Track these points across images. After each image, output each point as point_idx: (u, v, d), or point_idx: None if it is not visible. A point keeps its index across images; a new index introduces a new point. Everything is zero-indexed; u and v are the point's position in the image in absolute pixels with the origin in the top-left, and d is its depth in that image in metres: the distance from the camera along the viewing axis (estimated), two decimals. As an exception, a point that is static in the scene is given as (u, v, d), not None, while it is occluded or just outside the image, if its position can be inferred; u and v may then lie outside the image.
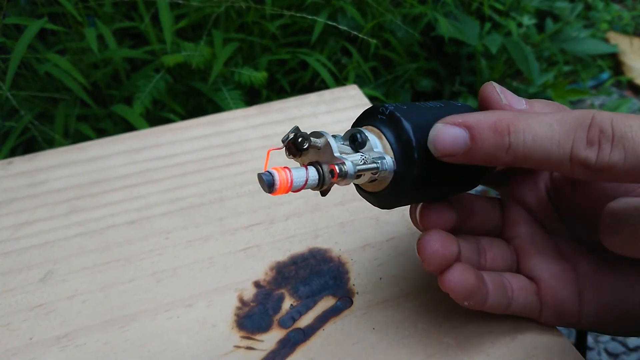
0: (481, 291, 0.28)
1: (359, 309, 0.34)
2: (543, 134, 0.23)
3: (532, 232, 0.32)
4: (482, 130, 0.24)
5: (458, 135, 0.24)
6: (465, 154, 0.24)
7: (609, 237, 0.25)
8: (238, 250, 0.38)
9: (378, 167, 0.25)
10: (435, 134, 0.24)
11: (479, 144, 0.24)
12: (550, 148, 0.23)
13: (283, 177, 0.24)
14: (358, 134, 0.26)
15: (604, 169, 0.22)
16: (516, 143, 0.23)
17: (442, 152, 0.24)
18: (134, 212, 0.42)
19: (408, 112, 0.26)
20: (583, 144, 0.22)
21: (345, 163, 0.24)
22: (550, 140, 0.23)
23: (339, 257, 0.37)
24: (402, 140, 0.25)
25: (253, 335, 0.32)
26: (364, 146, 0.26)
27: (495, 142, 0.24)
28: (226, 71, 0.96)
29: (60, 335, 0.33)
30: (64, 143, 0.82)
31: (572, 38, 1.65)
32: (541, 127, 0.23)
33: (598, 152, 0.22)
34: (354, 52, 1.14)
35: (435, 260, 0.28)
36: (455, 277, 0.28)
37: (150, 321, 0.34)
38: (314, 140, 0.25)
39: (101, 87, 0.94)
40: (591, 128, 0.22)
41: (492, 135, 0.24)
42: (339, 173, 0.24)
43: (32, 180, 0.45)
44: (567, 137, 0.22)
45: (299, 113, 0.53)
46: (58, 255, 0.38)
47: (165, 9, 0.88)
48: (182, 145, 0.48)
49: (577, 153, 0.22)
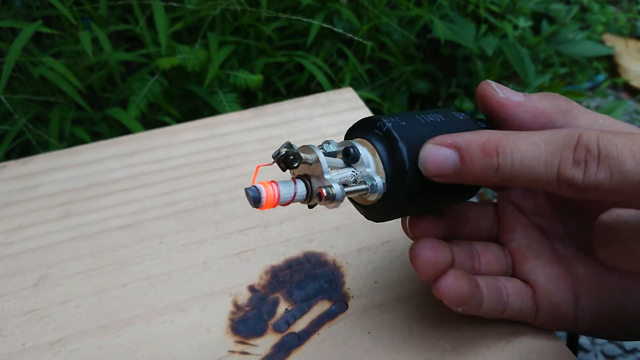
0: (475, 297, 0.28)
1: (354, 313, 0.34)
2: (530, 154, 0.23)
3: (529, 235, 0.31)
4: (471, 151, 0.24)
5: (448, 157, 0.24)
6: (455, 175, 0.25)
7: (601, 249, 0.25)
8: (233, 254, 0.38)
9: (367, 188, 0.25)
10: (425, 155, 0.25)
11: (468, 165, 0.24)
12: (537, 168, 0.23)
13: (270, 193, 0.24)
14: (351, 149, 0.26)
15: (590, 188, 0.22)
16: (504, 164, 0.23)
17: (432, 173, 0.25)
18: (128, 216, 0.41)
19: (406, 130, 0.26)
20: (570, 164, 0.22)
21: (333, 186, 0.24)
22: (538, 160, 0.23)
23: (334, 260, 0.37)
24: (396, 161, 0.25)
25: (247, 339, 0.32)
26: (356, 161, 0.26)
27: (484, 163, 0.24)
28: (222, 74, 0.96)
29: (54, 340, 0.33)
30: (59, 146, 0.82)
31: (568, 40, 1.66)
32: (529, 146, 0.23)
33: (584, 171, 0.22)
34: (350, 54, 1.14)
35: (428, 268, 0.28)
36: (448, 283, 0.27)
37: (144, 326, 0.33)
38: (304, 157, 0.25)
39: (96, 90, 0.94)
40: (578, 147, 0.22)
41: (481, 156, 0.24)
42: (327, 196, 0.24)
43: (25, 184, 0.45)
44: (554, 157, 0.23)
45: (294, 116, 0.53)
46: (51, 259, 0.38)
47: (160, 11, 0.88)
48: (177, 149, 0.48)
49: (564, 173, 0.22)
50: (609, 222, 0.24)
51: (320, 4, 1.13)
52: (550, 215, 0.31)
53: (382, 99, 1.30)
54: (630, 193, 0.21)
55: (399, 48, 1.31)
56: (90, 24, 0.89)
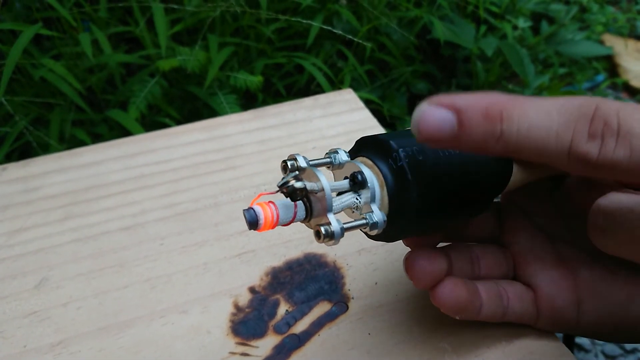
0: (473, 304, 0.28)
1: (355, 314, 0.34)
2: (540, 122, 0.20)
3: (532, 238, 0.31)
4: (471, 114, 0.21)
5: (445, 119, 0.21)
6: (451, 140, 0.21)
7: (600, 238, 0.24)
8: (233, 256, 0.38)
9: (367, 224, 0.24)
10: (419, 115, 0.21)
11: (467, 130, 0.21)
12: (547, 139, 0.20)
13: (268, 215, 0.23)
14: (359, 175, 0.25)
15: (605, 166, 0.20)
16: (509, 131, 0.21)
17: (425, 137, 0.21)
18: (129, 217, 0.42)
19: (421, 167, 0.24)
20: (584, 137, 0.20)
21: (332, 224, 0.23)
22: (548, 130, 0.20)
23: (334, 262, 0.37)
24: (403, 203, 0.24)
25: (248, 341, 0.32)
26: (363, 187, 0.25)
27: (485, 129, 0.21)
28: (222, 75, 0.96)
29: (55, 342, 0.33)
30: (59, 148, 0.82)
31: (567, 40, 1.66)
32: (538, 114, 0.20)
33: (601, 147, 0.20)
34: (350, 55, 1.14)
35: (423, 277, 0.27)
36: (445, 292, 0.27)
37: (145, 328, 0.33)
38: (310, 187, 0.24)
39: (96, 91, 0.94)
40: (595, 119, 0.20)
41: (483, 121, 0.21)
42: (325, 234, 0.23)
43: (26, 186, 0.45)
44: (567, 128, 0.20)
45: (294, 117, 0.53)
46: (52, 261, 0.38)
47: (160, 13, 0.88)
48: (177, 151, 0.48)
49: (577, 147, 0.20)
50: (609, 208, 0.22)
51: (319, 5, 1.13)
52: (554, 218, 0.31)
53: (382, 100, 1.30)
54: None
55: (399, 49, 1.31)
56: (90, 26, 0.89)
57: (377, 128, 0.51)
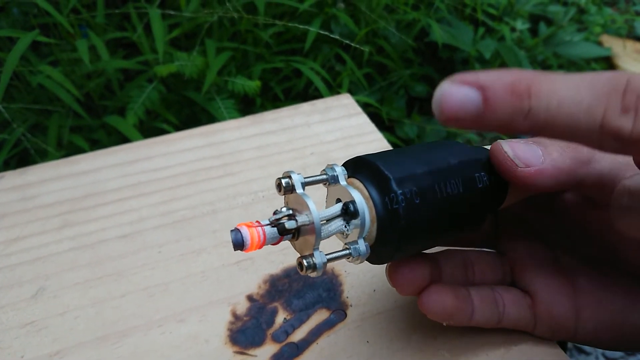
0: (462, 310, 0.28)
1: (353, 321, 0.34)
2: (570, 98, 0.19)
3: (530, 245, 0.31)
4: (497, 91, 0.20)
5: (468, 97, 0.20)
6: (476, 119, 0.20)
7: (622, 219, 0.22)
8: (231, 264, 0.38)
9: (349, 254, 0.25)
10: (441, 94, 0.20)
11: (492, 108, 0.20)
12: (577, 115, 0.19)
13: (255, 237, 0.23)
14: (352, 206, 0.24)
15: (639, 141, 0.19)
16: (537, 107, 0.20)
17: (447, 116, 0.21)
18: (126, 225, 0.41)
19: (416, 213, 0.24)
20: (617, 111, 0.19)
21: (314, 255, 0.23)
22: (578, 105, 0.19)
23: (332, 269, 0.37)
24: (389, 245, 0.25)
25: (246, 350, 0.32)
26: (355, 217, 0.24)
27: (512, 106, 0.20)
28: (220, 80, 0.96)
29: (52, 352, 0.33)
30: (57, 155, 0.82)
31: (565, 42, 1.66)
32: (568, 89, 0.19)
33: (634, 120, 0.19)
34: (348, 59, 1.14)
35: (405, 285, 0.27)
36: (430, 299, 0.27)
37: (142, 337, 0.33)
38: (301, 221, 0.24)
39: (94, 98, 0.94)
40: (627, 92, 0.19)
41: (509, 98, 0.20)
42: (307, 266, 0.23)
43: (23, 194, 0.45)
44: (599, 103, 0.19)
45: (292, 123, 0.53)
46: (50, 271, 0.38)
47: (158, 19, 0.88)
48: (175, 157, 0.48)
49: (610, 121, 0.19)
50: (634, 187, 0.22)
51: (317, 9, 1.13)
52: (553, 225, 0.31)
53: (381, 103, 1.30)
54: None
55: (397, 52, 1.31)
56: (88, 32, 0.89)
57: (375, 133, 0.51)
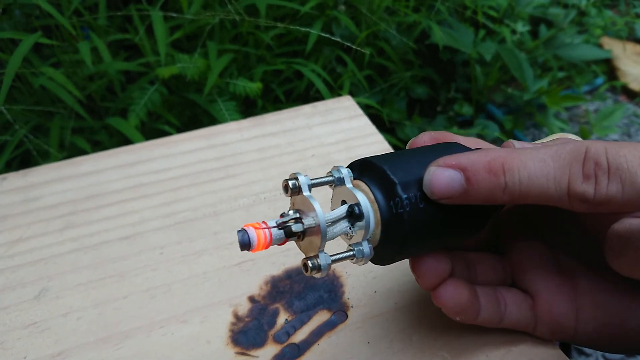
0: (474, 306, 0.28)
1: (354, 322, 0.34)
2: (538, 171, 0.22)
3: (531, 246, 0.31)
4: (476, 171, 0.24)
5: (453, 178, 0.24)
6: (462, 196, 0.24)
7: (615, 260, 0.25)
8: (233, 265, 0.38)
9: (353, 255, 0.25)
10: (429, 177, 0.24)
11: (474, 186, 0.24)
12: (546, 185, 0.22)
13: (261, 237, 0.24)
14: (357, 208, 0.25)
15: (602, 202, 0.21)
16: (512, 182, 0.23)
17: (438, 196, 0.24)
18: (128, 227, 0.42)
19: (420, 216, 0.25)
20: (579, 179, 0.22)
21: (319, 256, 0.24)
22: (546, 176, 0.22)
23: (333, 270, 0.37)
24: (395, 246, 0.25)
25: (248, 350, 0.32)
26: (360, 220, 0.25)
27: (491, 183, 0.23)
28: (221, 82, 0.96)
29: (55, 353, 0.33)
30: (59, 156, 0.82)
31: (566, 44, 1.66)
32: (535, 163, 0.23)
33: (595, 185, 0.21)
34: (349, 61, 1.15)
35: (430, 276, 0.27)
36: (448, 292, 0.27)
37: (144, 338, 0.34)
38: (307, 224, 0.24)
39: (96, 99, 0.94)
40: (586, 161, 0.22)
41: (488, 176, 0.23)
42: (312, 267, 0.24)
43: (26, 196, 0.45)
44: (563, 173, 0.22)
45: (293, 125, 0.53)
46: (52, 272, 0.38)
47: (159, 21, 0.88)
48: (176, 159, 0.48)
49: (574, 188, 0.22)
50: (622, 231, 0.24)
51: (318, 11, 1.13)
52: (553, 227, 0.31)
53: (381, 105, 1.30)
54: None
55: (398, 54, 1.31)
56: (90, 34, 0.89)
57: (376, 135, 0.51)
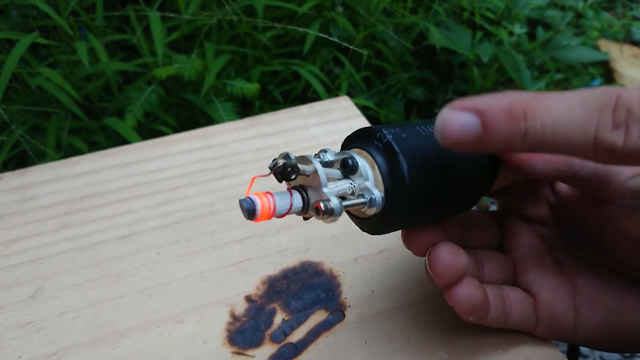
0: (486, 306, 0.28)
1: (351, 322, 0.34)
2: (563, 117, 0.20)
3: (532, 244, 0.31)
4: (495, 115, 0.21)
5: (468, 122, 0.21)
6: (477, 142, 0.21)
7: (627, 218, 0.23)
8: (229, 265, 0.38)
9: (365, 202, 0.24)
10: (442, 121, 0.22)
11: (492, 131, 0.21)
12: (571, 133, 0.20)
13: (265, 204, 0.23)
14: (350, 160, 0.25)
15: (632, 154, 0.20)
16: (533, 128, 0.21)
17: (451, 141, 0.22)
18: (125, 227, 0.41)
19: (407, 142, 0.25)
20: (609, 127, 0.20)
21: (331, 200, 0.23)
22: (572, 123, 0.20)
23: (330, 270, 0.37)
24: (396, 176, 0.24)
25: (244, 350, 0.32)
26: (354, 173, 0.25)
27: (510, 129, 0.21)
28: (218, 83, 0.96)
29: (50, 353, 0.33)
30: (56, 157, 0.82)
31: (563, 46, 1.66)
32: (561, 109, 0.20)
33: (626, 135, 0.19)
34: (346, 62, 1.15)
35: (447, 274, 0.27)
36: (464, 291, 0.27)
37: (140, 337, 0.33)
38: (302, 168, 0.24)
39: (93, 100, 0.94)
40: (617, 108, 0.20)
41: (507, 121, 0.21)
42: (324, 210, 0.23)
43: (22, 195, 0.45)
44: (591, 120, 0.20)
45: (290, 125, 0.53)
46: (48, 271, 0.38)
47: (157, 21, 0.88)
48: (173, 159, 0.48)
49: (602, 137, 0.20)
50: (637, 188, 0.22)
51: (316, 12, 1.13)
52: (553, 225, 0.31)
53: (379, 106, 1.30)
54: None
55: (395, 55, 1.32)
56: (87, 34, 0.89)
57: (373, 135, 0.51)
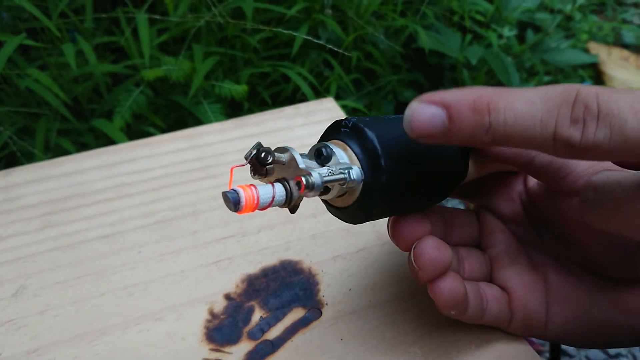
0: (467, 302, 0.28)
1: (328, 320, 0.34)
2: (525, 112, 0.21)
3: (507, 241, 0.32)
4: (460, 109, 0.22)
5: (435, 115, 0.22)
6: (443, 134, 0.22)
7: (590, 212, 0.24)
8: (210, 263, 0.39)
9: (345, 177, 0.25)
10: (411, 113, 0.22)
11: (457, 124, 0.22)
12: (532, 127, 0.21)
13: (249, 195, 0.23)
14: (323, 148, 0.26)
15: (588, 149, 0.20)
16: (496, 122, 0.21)
17: (418, 133, 0.22)
18: (108, 226, 0.42)
19: (371, 123, 0.26)
20: (567, 122, 0.20)
21: (312, 174, 0.24)
22: (533, 118, 0.21)
23: (309, 268, 0.38)
24: (368, 149, 0.25)
25: (222, 347, 0.33)
26: (329, 160, 0.26)
27: (474, 122, 0.22)
28: (207, 85, 0.96)
29: (30, 350, 0.33)
30: (44, 158, 0.82)
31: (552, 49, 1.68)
32: (523, 104, 0.21)
33: (583, 130, 0.20)
34: (336, 64, 1.15)
35: (432, 268, 0.27)
36: (447, 285, 0.27)
37: (120, 335, 0.34)
38: (277, 155, 0.24)
39: (82, 101, 0.95)
40: (576, 105, 0.20)
41: (471, 115, 0.22)
42: (306, 184, 0.23)
43: (7, 195, 0.45)
44: (550, 115, 0.21)
45: (275, 126, 0.53)
46: (31, 270, 0.38)
47: (144, 24, 0.89)
48: (158, 160, 0.49)
49: (561, 132, 0.20)
50: (599, 183, 0.23)
51: (305, 15, 1.14)
52: (526, 223, 0.32)
53: (369, 109, 1.31)
54: (630, 153, 0.20)
55: (385, 57, 1.32)
56: (76, 36, 0.89)
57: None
